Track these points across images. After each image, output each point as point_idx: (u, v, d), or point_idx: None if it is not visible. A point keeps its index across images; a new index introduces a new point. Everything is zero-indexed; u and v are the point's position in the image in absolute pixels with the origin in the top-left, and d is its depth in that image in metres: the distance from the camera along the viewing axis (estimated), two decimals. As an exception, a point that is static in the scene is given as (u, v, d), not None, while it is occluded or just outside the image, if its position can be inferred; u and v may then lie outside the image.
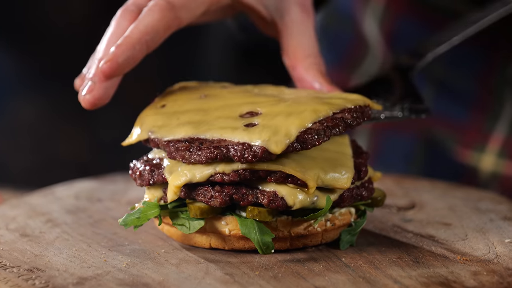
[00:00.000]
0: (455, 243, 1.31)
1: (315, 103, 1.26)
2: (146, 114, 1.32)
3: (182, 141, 1.24)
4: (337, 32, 2.02)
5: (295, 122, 1.22)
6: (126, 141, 1.32)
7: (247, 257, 1.25)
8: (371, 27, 1.92)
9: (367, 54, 1.95)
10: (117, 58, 1.24)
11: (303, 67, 1.39)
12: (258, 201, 1.24)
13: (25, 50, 3.56)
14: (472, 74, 1.82)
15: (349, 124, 1.25)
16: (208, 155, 1.22)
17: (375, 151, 1.96)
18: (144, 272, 1.19)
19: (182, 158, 1.24)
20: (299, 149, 1.21)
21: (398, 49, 1.89)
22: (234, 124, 1.24)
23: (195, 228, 1.26)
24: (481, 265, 1.21)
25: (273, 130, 1.21)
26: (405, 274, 1.18)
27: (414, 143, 1.91)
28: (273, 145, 1.20)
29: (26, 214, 1.46)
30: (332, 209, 1.29)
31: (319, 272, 1.19)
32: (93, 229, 1.39)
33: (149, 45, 1.27)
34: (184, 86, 1.40)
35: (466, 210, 1.47)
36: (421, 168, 1.91)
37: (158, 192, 1.30)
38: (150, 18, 1.28)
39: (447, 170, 1.87)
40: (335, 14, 2.02)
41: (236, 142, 1.21)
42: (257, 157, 1.20)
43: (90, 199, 1.57)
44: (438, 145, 1.87)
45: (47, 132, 3.59)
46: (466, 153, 1.82)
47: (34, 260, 1.24)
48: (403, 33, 1.89)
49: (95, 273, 1.18)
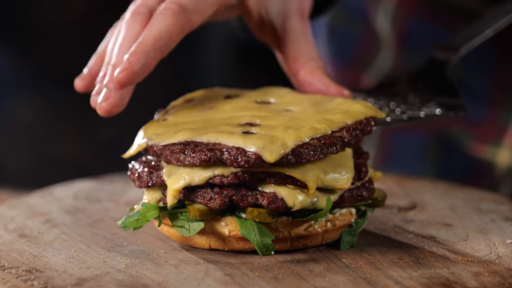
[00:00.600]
0: (456, 243, 1.31)
1: (315, 120, 1.27)
2: (148, 127, 1.33)
3: (177, 144, 1.25)
4: (348, 30, 2.02)
5: (293, 134, 1.23)
6: (126, 153, 1.32)
7: (247, 258, 1.25)
8: (384, 24, 1.92)
9: (380, 51, 1.95)
10: (132, 67, 1.24)
11: (307, 70, 1.39)
12: (258, 203, 1.24)
13: (23, 49, 3.56)
14: (487, 70, 1.82)
15: (346, 143, 1.26)
16: (202, 157, 1.22)
17: (387, 150, 1.96)
18: (143, 273, 1.19)
19: (176, 160, 1.24)
20: (293, 161, 1.22)
21: (414, 47, 1.90)
22: (231, 129, 1.25)
23: (195, 231, 1.26)
24: (483, 266, 1.21)
25: (270, 139, 1.22)
26: (406, 275, 1.18)
27: (427, 140, 1.91)
28: (267, 153, 1.20)
29: (25, 215, 1.46)
30: (332, 209, 1.29)
31: (320, 273, 1.19)
32: (92, 229, 1.39)
33: (163, 50, 1.27)
34: (188, 99, 1.41)
35: (468, 211, 1.47)
36: (435, 165, 1.91)
37: (157, 194, 1.29)
38: (163, 22, 1.27)
39: (462, 166, 1.87)
40: (345, 13, 2.02)
41: (231, 146, 1.21)
42: (250, 163, 1.20)
43: (89, 199, 1.57)
44: (452, 141, 1.86)
45: (45, 132, 3.59)
46: (482, 148, 1.82)
47: (33, 260, 1.24)
48: (415, 31, 1.89)
49: (94, 274, 1.18)
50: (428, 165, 1.91)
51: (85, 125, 3.57)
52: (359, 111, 1.31)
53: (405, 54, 1.90)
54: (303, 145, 1.23)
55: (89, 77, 1.36)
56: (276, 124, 1.26)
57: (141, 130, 1.33)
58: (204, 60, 3.66)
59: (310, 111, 1.32)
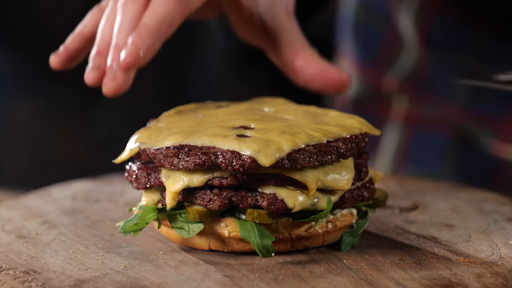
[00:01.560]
0: (458, 244, 1.31)
1: (310, 128, 1.27)
2: (140, 132, 1.33)
3: (171, 148, 1.24)
4: (372, 27, 2.02)
5: (288, 139, 1.23)
6: (118, 159, 1.32)
7: (247, 259, 1.25)
8: (406, 23, 1.92)
9: (402, 50, 1.95)
10: (138, 50, 1.25)
11: (303, 56, 1.40)
12: (258, 204, 1.24)
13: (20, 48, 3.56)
14: (508, 68, 1.82)
15: (342, 154, 1.26)
16: (196, 161, 1.22)
17: (406, 148, 1.96)
18: (142, 274, 1.19)
19: (170, 164, 1.24)
20: (288, 167, 1.21)
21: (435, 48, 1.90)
22: (225, 133, 1.24)
23: (195, 232, 1.26)
24: (485, 267, 1.21)
25: (265, 143, 1.21)
26: (407, 276, 1.18)
27: (448, 138, 1.91)
28: (262, 156, 1.20)
29: (22, 216, 1.46)
30: (333, 210, 1.29)
31: (320, 274, 1.19)
32: (90, 230, 1.39)
33: (167, 33, 1.28)
34: (180, 110, 1.41)
35: (470, 211, 1.47)
36: (455, 164, 1.91)
37: (155, 195, 1.29)
38: (165, 4, 1.27)
39: (482, 165, 1.87)
40: (368, 10, 2.02)
41: (226, 149, 1.21)
42: (245, 167, 1.20)
43: (87, 200, 1.57)
44: (472, 140, 1.86)
45: (42, 132, 3.59)
46: (503, 147, 1.82)
47: (31, 262, 1.24)
48: (438, 30, 1.89)
49: (92, 275, 1.18)
50: (448, 164, 1.91)
51: (83, 124, 3.57)
52: (354, 125, 1.31)
53: (430, 55, 1.90)
54: (299, 151, 1.22)
55: (66, 54, 1.38)
56: (271, 128, 1.26)
57: (133, 136, 1.33)
58: (203, 59, 3.66)
59: (306, 120, 1.32)
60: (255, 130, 1.26)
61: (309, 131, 1.26)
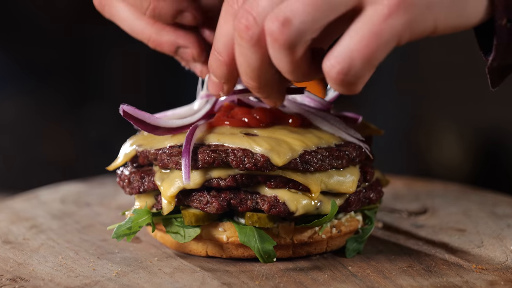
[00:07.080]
0: (470, 250, 1.31)
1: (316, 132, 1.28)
2: (132, 137, 1.33)
3: (175, 147, 1.24)
4: None
5: (299, 139, 1.23)
6: (112, 165, 1.32)
7: (246, 266, 1.25)
8: None
9: None
10: None
11: None
12: (258, 207, 1.23)
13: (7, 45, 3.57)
14: None
15: (351, 159, 1.26)
16: (206, 159, 1.21)
17: None
18: (135, 281, 1.19)
19: (175, 164, 1.23)
20: (300, 168, 1.21)
21: None
22: (232, 131, 1.25)
23: (191, 237, 1.26)
24: (498, 274, 1.21)
25: (276, 141, 1.21)
26: (416, 284, 1.18)
27: None
28: (275, 155, 1.20)
29: (9, 220, 1.46)
30: (337, 214, 1.29)
31: (324, 282, 1.19)
32: (80, 235, 1.39)
33: None
34: None
35: (482, 215, 1.48)
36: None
37: (149, 199, 1.29)
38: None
39: None
40: None
41: (236, 147, 1.21)
42: (257, 166, 1.20)
43: (78, 203, 1.57)
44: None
45: (30, 132, 3.59)
46: None
47: (18, 268, 1.24)
48: None
49: (82, 283, 1.18)
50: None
51: (73, 124, 3.58)
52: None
53: None
54: (311, 153, 1.22)
55: None
56: (278, 128, 1.26)
57: (127, 141, 1.33)
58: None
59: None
60: (263, 129, 1.26)
61: (318, 133, 1.26)
